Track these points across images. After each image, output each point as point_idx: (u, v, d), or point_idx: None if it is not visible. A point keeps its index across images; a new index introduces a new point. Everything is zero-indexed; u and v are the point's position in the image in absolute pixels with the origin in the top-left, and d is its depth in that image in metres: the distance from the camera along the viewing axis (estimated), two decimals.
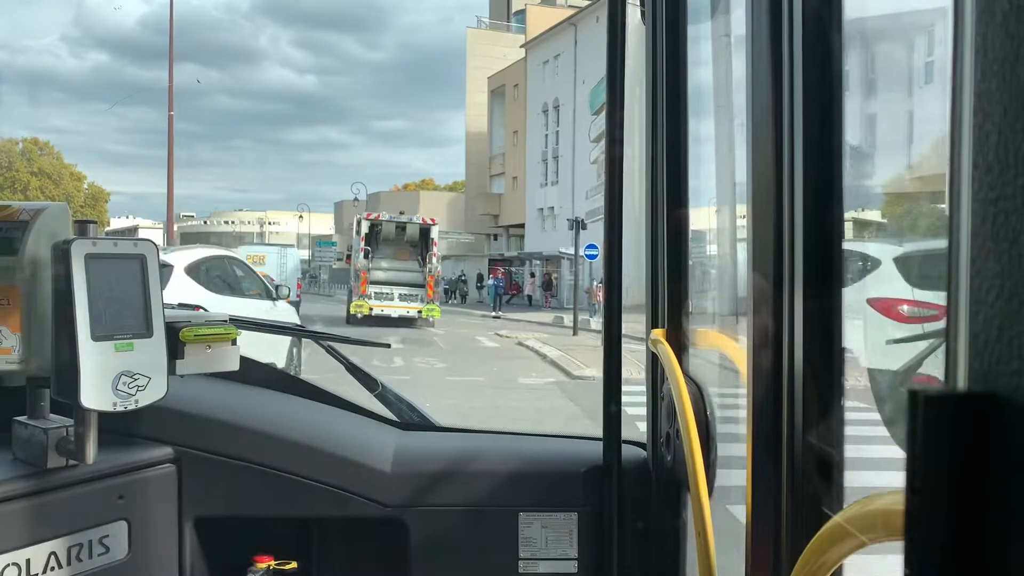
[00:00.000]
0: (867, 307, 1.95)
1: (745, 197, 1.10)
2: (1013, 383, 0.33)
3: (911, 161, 1.59)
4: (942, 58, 0.36)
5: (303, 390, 2.05)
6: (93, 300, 1.38)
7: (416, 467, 1.85)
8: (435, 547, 1.82)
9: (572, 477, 1.83)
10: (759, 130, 1.05)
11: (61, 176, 77.01)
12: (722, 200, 1.81)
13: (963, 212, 0.37)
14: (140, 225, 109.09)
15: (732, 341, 1.52)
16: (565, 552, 1.82)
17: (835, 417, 1.00)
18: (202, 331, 1.55)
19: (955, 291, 0.38)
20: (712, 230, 1.95)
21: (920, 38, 1.04)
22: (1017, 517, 0.33)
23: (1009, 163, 0.33)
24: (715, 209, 1.85)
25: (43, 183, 74.47)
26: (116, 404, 1.41)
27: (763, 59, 1.03)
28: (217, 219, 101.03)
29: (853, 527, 0.62)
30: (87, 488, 1.55)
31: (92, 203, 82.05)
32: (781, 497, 1.02)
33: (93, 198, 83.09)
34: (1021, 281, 0.33)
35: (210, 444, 1.74)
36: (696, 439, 1.33)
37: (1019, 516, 0.33)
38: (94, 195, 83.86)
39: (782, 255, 1.01)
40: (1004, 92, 0.34)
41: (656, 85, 1.67)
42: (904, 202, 2.12)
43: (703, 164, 1.73)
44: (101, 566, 1.57)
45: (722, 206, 1.82)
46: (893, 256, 2.30)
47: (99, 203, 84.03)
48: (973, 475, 0.35)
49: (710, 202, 1.85)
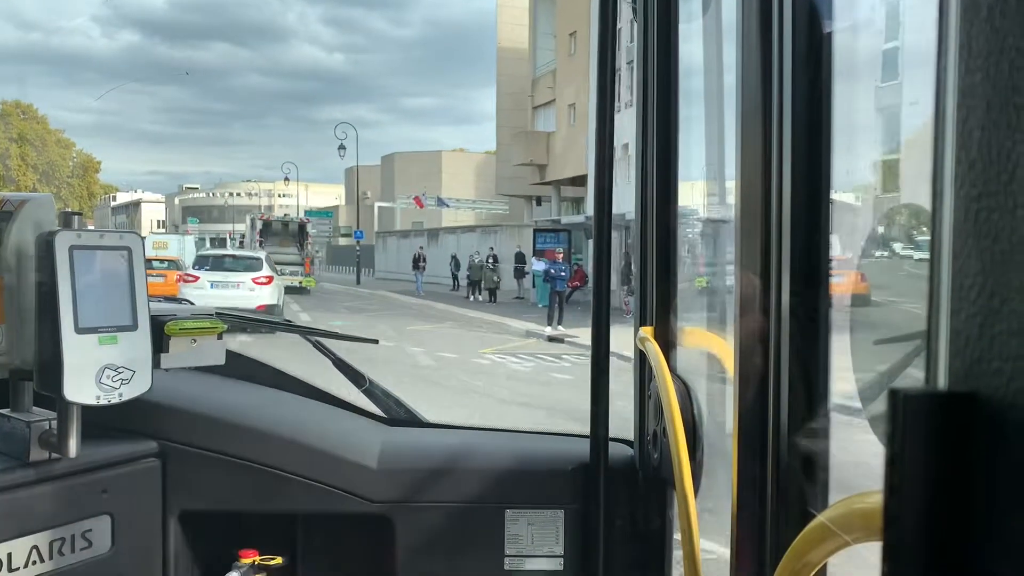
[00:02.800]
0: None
1: (733, 195, 1.10)
2: (994, 383, 0.33)
3: (899, 158, 1.59)
4: (926, 52, 0.36)
5: (290, 385, 2.04)
6: (77, 292, 1.37)
7: (403, 463, 1.84)
8: (421, 543, 1.81)
9: (559, 474, 1.83)
10: (748, 128, 1.04)
11: (45, 142, 71.57)
12: (711, 198, 1.81)
13: (946, 209, 0.37)
14: (144, 199, 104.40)
15: (719, 340, 1.52)
16: (551, 549, 1.82)
17: (821, 417, 1.00)
18: (187, 325, 1.54)
19: (936, 289, 0.37)
20: (701, 228, 1.95)
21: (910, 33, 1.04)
22: (996, 517, 0.33)
23: (992, 159, 0.33)
24: (704, 207, 1.85)
25: (24, 150, 69.27)
26: (99, 397, 1.40)
27: (753, 56, 1.02)
28: (222, 191, 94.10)
29: (837, 527, 0.62)
30: (70, 482, 1.54)
31: (81, 172, 77.36)
32: (766, 496, 1.02)
33: (82, 167, 78.32)
34: (1003, 279, 0.32)
35: (195, 438, 1.73)
36: (682, 437, 1.33)
37: (998, 516, 0.32)
38: (83, 164, 78.89)
39: (769, 253, 1.01)
40: (988, 87, 0.33)
41: (647, 82, 1.67)
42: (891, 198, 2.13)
43: (693, 161, 1.73)
44: (84, 560, 1.56)
45: (711, 204, 1.82)
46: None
47: (88, 173, 79.42)
48: (953, 475, 0.34)
49: (699, 200, 1.85)
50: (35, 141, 70.46)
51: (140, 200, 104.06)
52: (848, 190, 1.24)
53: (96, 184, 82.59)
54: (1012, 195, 0.32)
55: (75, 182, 76.31)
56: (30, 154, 69.69)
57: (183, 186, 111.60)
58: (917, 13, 0.48)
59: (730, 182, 1.17)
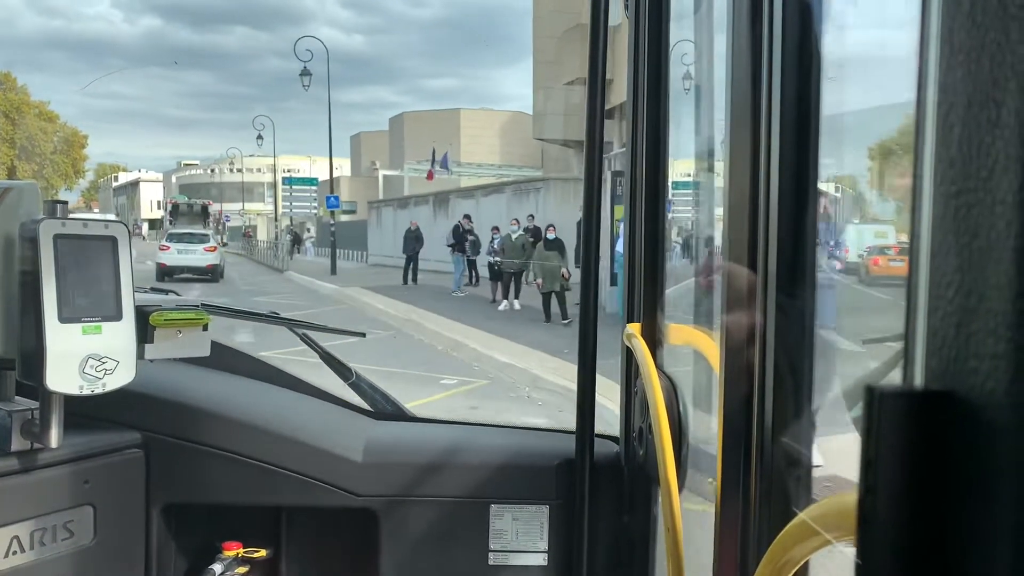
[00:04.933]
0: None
1: (722, 192, 1.10)
2: (970, 381, 0.32)
3: (886, 155, 1.59)
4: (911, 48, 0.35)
5: (275, 377, 2.04)
6: (61, 281, 1.36)
7: (388, 457, 1.84)
8: (406, 538, 1.81)
9: (544, 470, 1.83)
10: (736, 125, 1.04)
11: (22, 114, 64.44)
12: (700, 195, 1.81)
13: (924, 205, 0.36)
14: (143, 178, 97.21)
15: (706, 337, 1.51)
16: (535, 545, 1.82)
17: (806, 415, 1.00)
18: (172, 316, 1.53)
19: (915, 286, 0.37)
20: (690, 225, 1.95)
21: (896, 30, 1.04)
22: (972, 518, 0.32)
23: (972, 156, 0.33)
24: (693, 203, 1.85)
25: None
26: (83, 387, 1.39)
27: (743, 53, 1.02)
28: (222, 167, 79.37)
29: (819, 525, 0.62)
30: (52, 472, 1.53)
31: (66, 148, 70.17)
32: (750, 493, 1.02)
33: (66, 143, 70.73)
34: (981, 276, 0.32)
35: (179, 430, 1.72)
36: (667, 434, 1.32)
37: (974, 516, 0.32)
38: (67, 139, 71.23)
39: (756, 251, 1.00)
40: (968, 83, 0.33)
41: (637, 78, 1.66)
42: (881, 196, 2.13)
43: (682, 158, 1.73)
44: (66, 551, 1.55)
45: (700, 201, 1.81)
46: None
47: (74, 148, 71.98)
48: (928, 474, 0.34)
49: (688, 196, 1.85)
50: (11, 113, 63.65)
51: (139, 180, 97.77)
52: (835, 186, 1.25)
53: (82, 160, 75.12)
54: (991, 191, 0.31)
55: (59, 158, 69.64)
56: (5, 127, 63.23)
57: (181, 162, 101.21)
58: (903, 9, 0.48)
59: (719, 179, 1.17)
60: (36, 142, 65.53)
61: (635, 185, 1.69)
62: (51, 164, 68.40)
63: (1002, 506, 0.30)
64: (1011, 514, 0.30)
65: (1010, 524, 0.30)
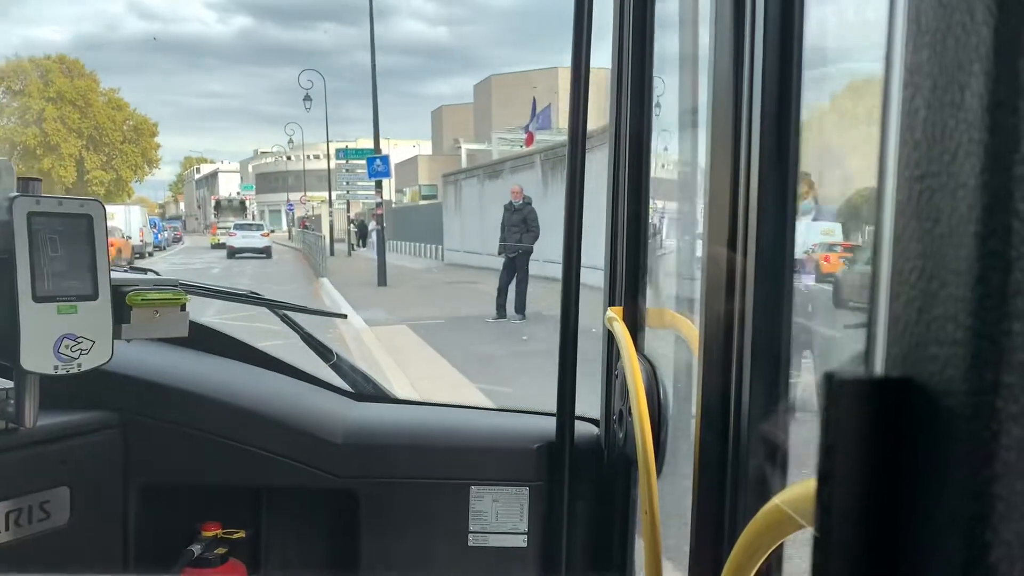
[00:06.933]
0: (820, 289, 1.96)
1: (704, 177, 1.10)
2: (929, 368, 0.32)
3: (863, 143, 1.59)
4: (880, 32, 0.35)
5: (255, 358, 2.03)
6: (35, 260, 1.34)
7: (369, 438, 1.84)
8: (386, 519, 1.81)
9: (525, 452, 1.83)
10: (718, 112, 1.04)
11: (89, 102, 60.62)
12: (682, 181, 1.80)
13: (888, 189, 0.36)
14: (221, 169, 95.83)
15: (687, 321, 1.52)
16: (515, 526, 1.83)
17: (783, 400, 1.00)
18: (150, 296, 1.51)
19: (878, 271, 0.37)
20: (672, 209, 1.94)
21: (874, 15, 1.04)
22: (930, 508, 0.32)
23: (936, 139, 0.32)
24: (675, 189, 1.85)
25: (63, 111, 58.81)
26: (58, 367, 1.37)
27: (725, 41, 1.01)
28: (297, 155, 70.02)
29: (791, 510, 0.62)
30: (27, 452, 1.52)
31: (135, 137, 65.74)
32: (726, 477, 1.03)
33: (136, 131, 66.20)
34: (942, 261, 0.32)
35: (157, 410, 1.71)
36: (646, 418, 1.33)
37: (931, 506, 0.32)
38: (137, 127, 66.59)
39: (736, 236, 1.00)
40: (935, 65, 0.33)
41: (621, 64, 1.65)
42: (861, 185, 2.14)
43: (664, 144, 1.72)
44: (42, 531, 1.55)
45: (682, 186, 1.81)
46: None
47: (144, 137, 67.36)
48: (886, 463, 0.34)
49: (670, 182, 1.84)
50: (77, 100, 60.18)
51: (217, 170, 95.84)
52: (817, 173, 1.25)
53: (153, 149, 69.59)
54: (953, 175, 0.31)
55: (128, 148, 65.28)
56: (72, 115, 59.68)
57: (258, 151, 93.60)
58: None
59: (701, 165, 1.17)
60: (105, 131, 62.52)
61: (617, 170, 1.68)
62: (120, 154, 65.02)
63: (956, 493, 0.30)
64: (964, 501, 0.30)
65: (963, 511, 0.30)
